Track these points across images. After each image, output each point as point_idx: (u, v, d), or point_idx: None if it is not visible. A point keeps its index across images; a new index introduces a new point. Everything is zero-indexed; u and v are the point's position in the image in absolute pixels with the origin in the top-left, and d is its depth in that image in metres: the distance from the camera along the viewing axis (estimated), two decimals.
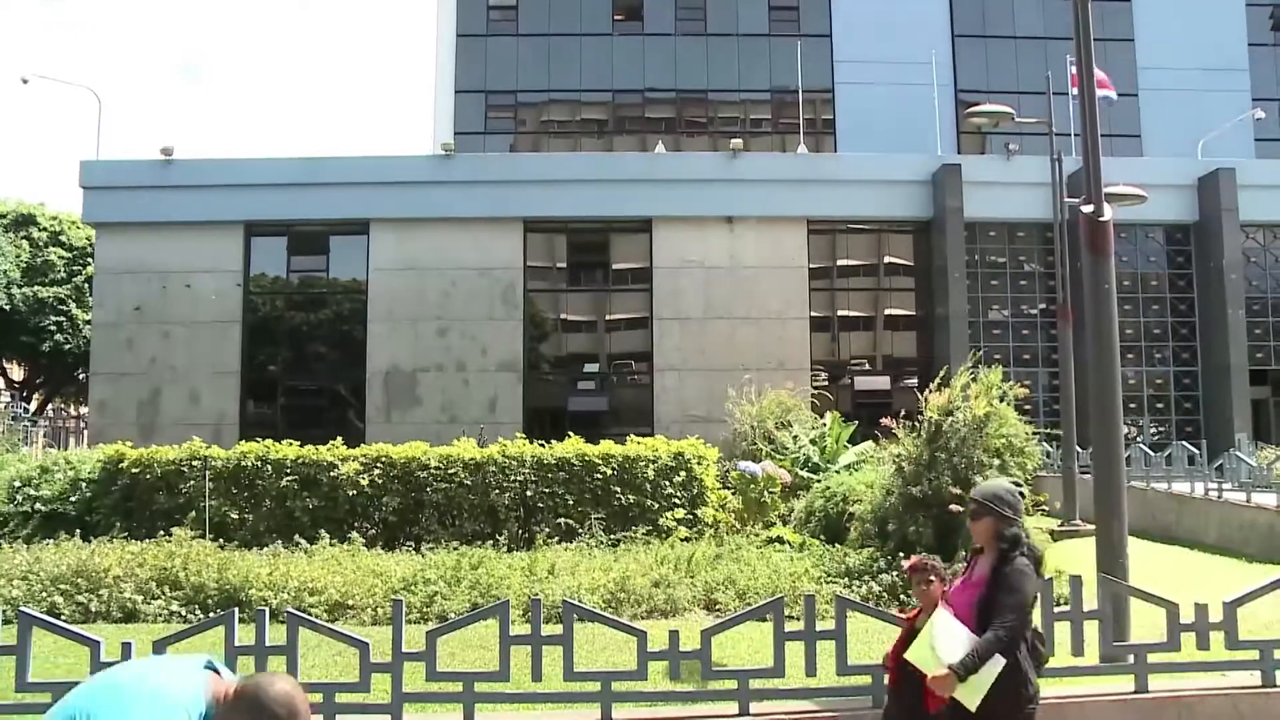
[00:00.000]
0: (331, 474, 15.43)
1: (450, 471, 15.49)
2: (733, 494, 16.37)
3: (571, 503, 15.32)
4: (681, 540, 14.20)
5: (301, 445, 16.24)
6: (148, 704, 2.88)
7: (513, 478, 15.43)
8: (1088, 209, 8.66)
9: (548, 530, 14.89)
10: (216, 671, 3.06)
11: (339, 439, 16.58)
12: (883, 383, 36.12)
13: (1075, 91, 12.41)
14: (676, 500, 15.70)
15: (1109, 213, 8.69)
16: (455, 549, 12.79)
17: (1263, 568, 12.79)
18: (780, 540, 14.45)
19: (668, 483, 15.74)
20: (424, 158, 37.73)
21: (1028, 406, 18.85)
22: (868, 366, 37.23)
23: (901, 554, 11.78)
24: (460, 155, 36.33)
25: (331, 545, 13.28)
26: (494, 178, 35.07)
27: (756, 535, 14.90)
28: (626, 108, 48.91)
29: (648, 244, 35.36)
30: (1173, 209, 36.65)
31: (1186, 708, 6.26)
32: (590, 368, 36.83)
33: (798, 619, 6.50)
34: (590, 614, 7.04)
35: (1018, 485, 4.82)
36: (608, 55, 47.91)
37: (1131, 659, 6.35)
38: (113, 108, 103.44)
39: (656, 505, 15.46)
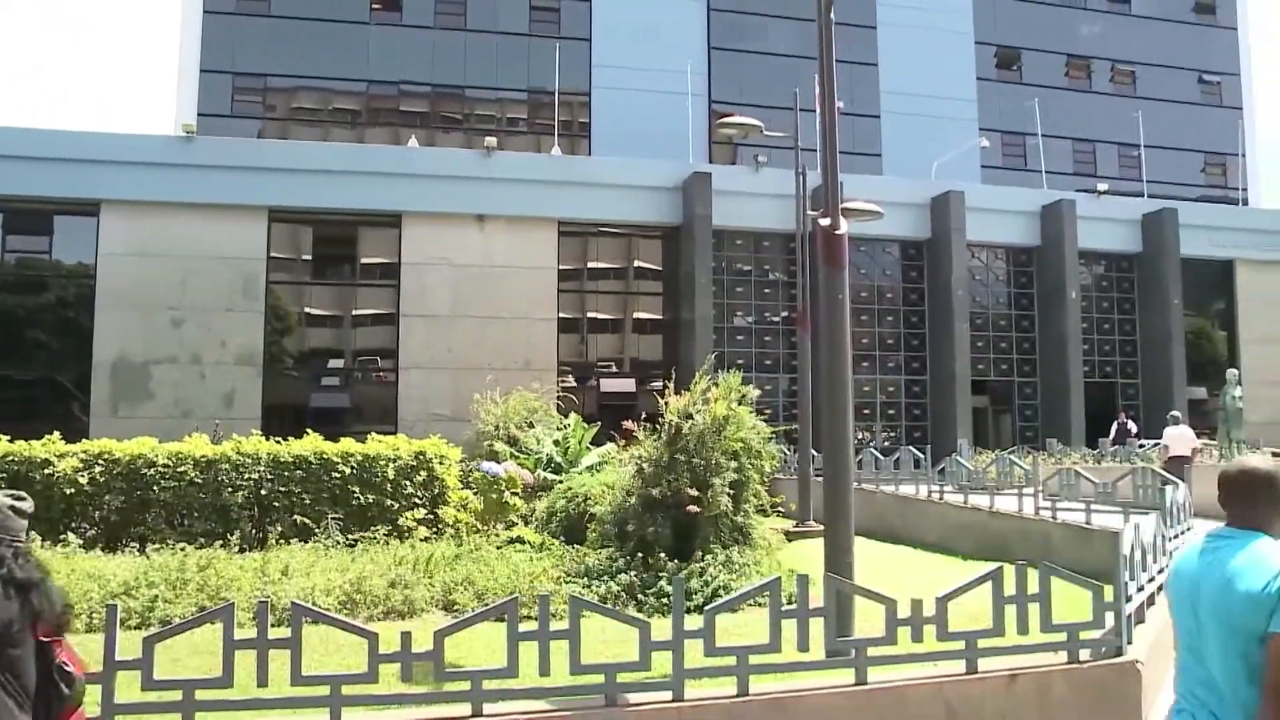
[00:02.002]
0: (46, 471, 14.43)
1: (180, 469, 14.76)
2: (475, 494, 16.28)
3: (308, 502, 14.87)
4: (421, 540, 14.02)
5: (12, 440, 15.14)
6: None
7: (247, 476, 14.85)
8: (825, 222, 8.99)
9: (282, 530, 14.42)
10: None
11: (56, 434, 15.57)
12: (628, 385, 36.70)
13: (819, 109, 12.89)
14: (417, 500, 15.49)
15: (845, 226, 9.05)
16: (183, 550, 12.22)
17: (976, 564, 13.58)
18: (521, 540, 14.45)
19: (408, 482, 15.51)
20: (163, 138, 35.98)
21: (767, 410, 19.51)
22: (614, 368, 37.80)
23: (641, 554, 12.00)
24: (203, 138, 34.85)
25: (44, 548, 12.43)
26: (239, 163, 33.76)
27: (497, 535, 14.84)
28: (380, 99, 48.02)
29: (397, 239, 34.83)
30: (908, 226, 38.86)
31: (899, 696, 6.60)
32: (334, 363, 35.98)
33: (534, 619, 6.50)
34: (321, 615, 6.84)
35: (19, 500, 4.23)
36: (363, 44, 46.89)
37: (853, 653, 6.64)
38: None
39: (396, 505, 15.20)
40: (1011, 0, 55.05)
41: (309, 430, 16.26)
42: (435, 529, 15.08)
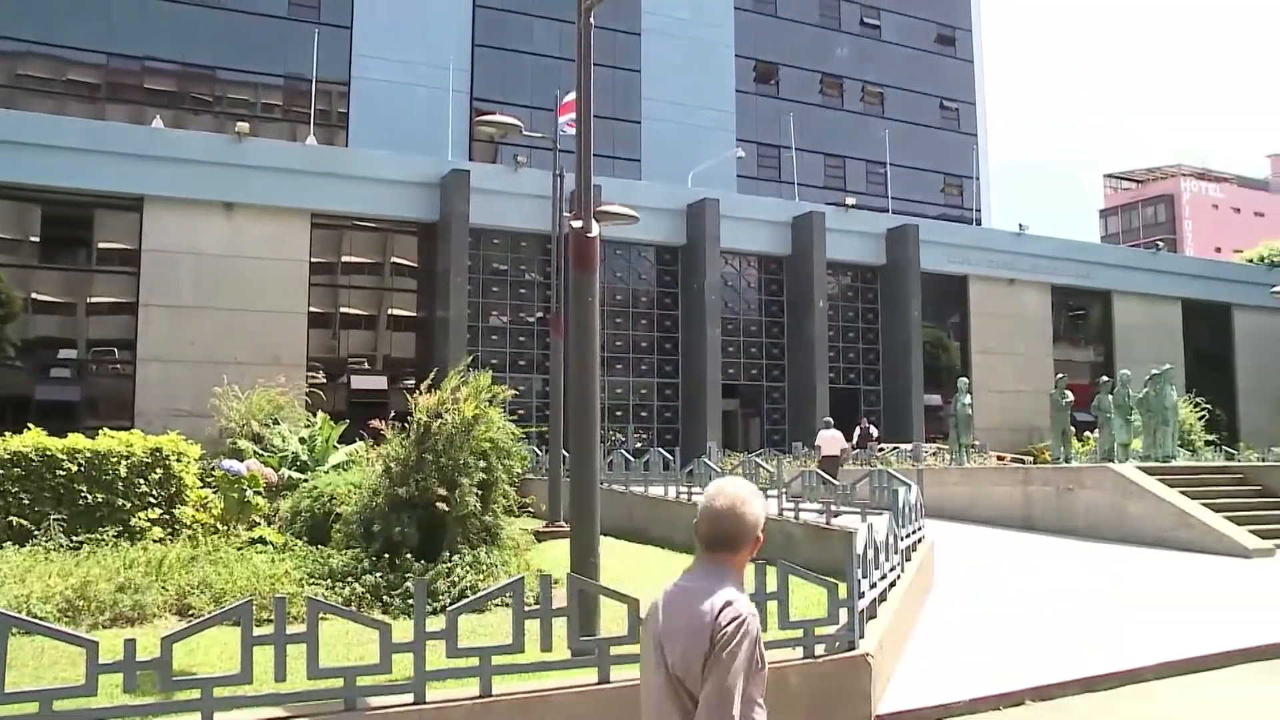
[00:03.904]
0: None
1: None
2: (215, 493, 15.60)
3: (27, 502, 13.83)
4: (155, 542, 13.33)
5: None
6: None
7: None
8: (577, 224, 9.02)
9: None
10: None
11: None
12: (380, 382, 36.07)
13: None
14: (152, 499, 14.68)
15: (597, 229, 9.11)
16: None
17: None
18: (263, 541, 13.97)
19: (142, 481, 14.67)
20: None
21: (521, 411, 19.46)
22: (366, 366, 37.04)
23: (387, 554, 11.74)
24: None
25: None
26: None
27: (238, 536, 14.28)
28: (123, 74, 45.46)
29: (138, 224, 33.05)
30: (664, 231, 39.56)
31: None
32: (65, 354, 33.79)
33: (272, 622, 6.23)
34: (31, 625, 6.36)
35: None
36: (105, 12, 44.20)
37: (596, 652, 6.65)
38: None
39: (129, 505, 14.35)
40: (771, 17, 56.99)
41: (31, 425, 15.18)
42: (171, 530, 14.36)
